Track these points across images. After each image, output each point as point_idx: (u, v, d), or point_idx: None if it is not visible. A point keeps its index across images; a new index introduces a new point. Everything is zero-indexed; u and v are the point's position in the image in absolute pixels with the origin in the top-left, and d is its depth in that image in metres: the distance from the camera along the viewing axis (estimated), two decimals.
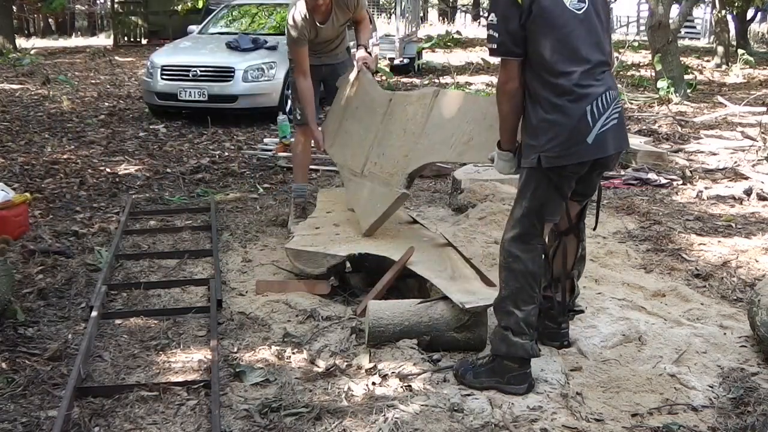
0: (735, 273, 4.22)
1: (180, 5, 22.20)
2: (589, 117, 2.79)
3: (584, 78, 2.80)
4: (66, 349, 3.33)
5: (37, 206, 5.57)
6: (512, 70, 2.83)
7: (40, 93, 11.75)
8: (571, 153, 2.81)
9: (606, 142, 2.84)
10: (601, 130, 2.81)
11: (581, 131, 2.79)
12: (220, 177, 6.66)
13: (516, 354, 2.92)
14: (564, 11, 2.79)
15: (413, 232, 4.15)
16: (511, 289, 2.94)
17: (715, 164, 7.01)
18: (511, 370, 2.94)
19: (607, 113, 2.82)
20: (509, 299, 2.94)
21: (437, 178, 6.53)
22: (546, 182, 2.87)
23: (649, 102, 10.86)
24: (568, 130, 2.79)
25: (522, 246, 2.93)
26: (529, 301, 2.93)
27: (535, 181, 2.89)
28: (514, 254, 2.93)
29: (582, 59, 2.80)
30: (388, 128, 4.19)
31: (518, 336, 2.92)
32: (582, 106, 2.78)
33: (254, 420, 2.77)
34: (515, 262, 2.93)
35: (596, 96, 2.80)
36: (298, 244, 4.02)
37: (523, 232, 2.93)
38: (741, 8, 17.87)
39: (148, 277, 4.27)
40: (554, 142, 2.80)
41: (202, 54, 9.73)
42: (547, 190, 2.89)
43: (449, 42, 21.22)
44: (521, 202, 2.94)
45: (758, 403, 2.84)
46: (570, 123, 2.78)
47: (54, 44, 23.20)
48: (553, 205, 2.94)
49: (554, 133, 2.79)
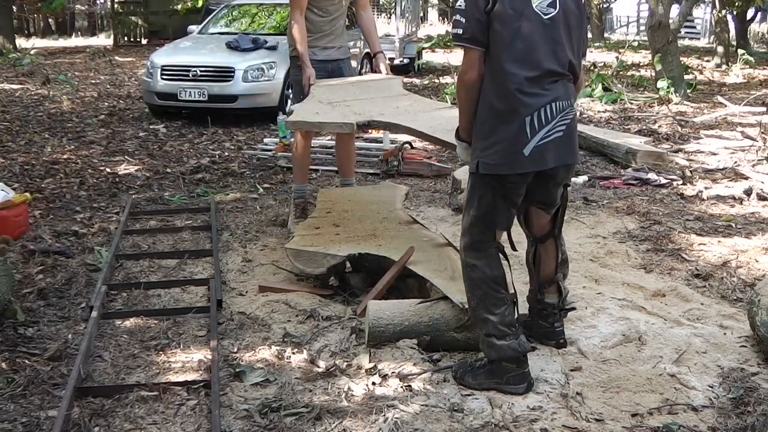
0: (735, 273, 4.22)
1: (180, 5, 22.23)
2: (528, 128, 2.75)
3: (529, 85, 2.75)
4: (66, 349, 3.33)
5: (37, 206, 5.57)
6: (473, 59, 2.79)
7: (40, 93, 11.75)
8: (506, 162, 2.78)
9: (545, 155, 2.80)
10: (541, 142, 2.77)
11: (517, 142, 2.76)
12: (220, 177, 6.66)
13: (506, 355, 2.92)
14: (528, 11, 2.75)
15: (413, 232, 4.15)
16: (478, 297, 2.95)
17: (715, 164, 7.01)
18: (509, 371, 2.94)
19: (550, 125, 2.78)
20: (480, 307, 2.95)
21: (437, 178, 6.53)
22: (491, 191, 2.86)
23: (649, 102, 10.86)
24: (504, 139, 2.77)
25: (476, 254, 2.94)
26: (499, 304, 2.93)
27: (479, 189, 2.88)
28: (470, 263, 2.95)
29: (532, 64, 2.76)
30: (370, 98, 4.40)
31: (502, 339, 2.92)
32: (521, 116, 2.75)
33: (254, 420, 2.77)
34: (473, 271, 2.94)
35: (538, 106, 2.76)
36: (298, 244, 4.02)
37: (475, 240, 2.94)
38: (741, 8, 17.87)
39: (148, 277, 4.27)
40: (492, 149, 2.79)
41: (202, 54, 9.73)
42: (493, 199, 2.88)
43: (449, 42, 21.20)
44: (469, 210, 2.94)
45: (758, 403, 2.84)
46: (506, 131, 2.76)
47: (54, 44, 23.21)
48: (501, 214, 2.92)
49: (492, 141, 2.78)
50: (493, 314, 2.92)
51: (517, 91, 2.74)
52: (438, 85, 12.83)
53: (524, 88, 2.74)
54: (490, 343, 2.95)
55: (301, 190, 5.05)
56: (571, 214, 5.30)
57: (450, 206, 5.59)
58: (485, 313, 2.94)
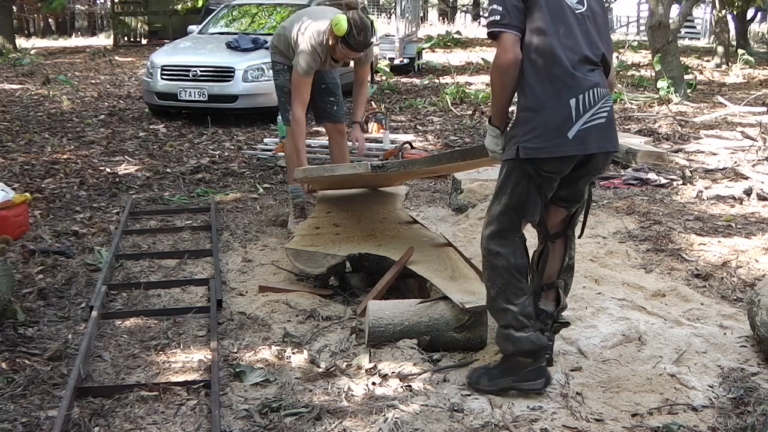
0: (735, 273, 4.22)
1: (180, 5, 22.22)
2: (573, 111, 2.72)
3: (575, 67, 2.74)
4: (66, 349, 3.33)
5: (37, 206, 5.57)
6: (509, 42, 2.73)
7: (40, 93, 11.75)
8: (549, 146, 2.73)
9: (588, 139, 2.75)
10: (584, 125, 2.74)
11: (563, 124, 2.72)
12: (220, 177, 6.66)
13: (524, 349, 2.87)
14: (563, 2, 2.79)
15: (413, 232, 4.15)
16: (498, 286, 2.90)
17: (715, 164, 7.01)
18: (525, 366, 2.88)
19: (593, 109, 2.75)
20: (500, 297, 2.90)
21: (437, 178, 6.53)
22: (527, 180, 2.82)
23: (649, 102, 10.86)
24: (548, 122, 2.73)
25: (501, 241, 2.89)
26: (519, 294, 2.88)
27: (515, 177, 2.84)
28: (494, 251, 2.89)
29: (574, 49, 2.76)
30: None
31: (520, 330, 2.86)
32: (566, 97, 2.72)
33: (254, 420, 2.77)
34: (496, 259, 2.89)
35: (584, 89, 2.74)
36: (298, 244, 4.02)
37: (503, 228, 2.89)
38: (741, 8, 17.87)
39: (148, 277, 4.27)
40: (534, 133, 2.74)
41: (202, 54, 9.73)
42: (528, 188, 2.83)
43: (449, 42, 21.24)
44: (500, 198, 2.89)
45: (758, 403, 2.84)
46: (551, 114, 2.73)
47: (54, 44, 23.21)
48: (533, 205, 2.88)
49: (535, 124, 2.74)
50: (513, 304, 2.87)
51: (563, 73, 2.72)
52: (438, 85, 12.82)
53: (569, 71, 2.72)
54: (507, 335, 2.89)
55: (298, 190, 5.04)
56: None
57: (450, 206, 5.59)
58: (505, 303, 2.88)
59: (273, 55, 4.98)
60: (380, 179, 4.29)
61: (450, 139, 8.28)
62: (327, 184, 4.38)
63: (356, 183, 4.39)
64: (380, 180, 4.29)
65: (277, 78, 4.99)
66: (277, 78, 4.99)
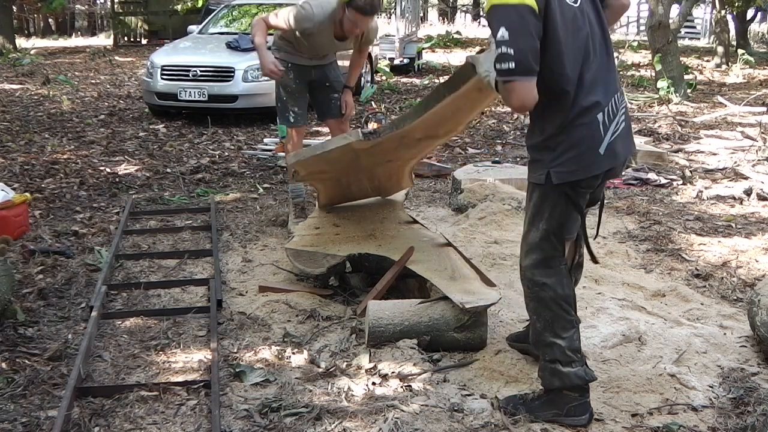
0: (735, 273, 4.22)
1: (180, 5, 22.22)
2: (601, 126, 2.57)
3: (593, 83, 2.56)
4: (66, 349, 3.33)
5: (37, 206, 5.57)
6: (529, 89, 2.43)
7: (40, 93, 11.75)
8: (583, 167, 2.59)
9: (617, 149, 2.64)
10: (612, 138, 2.61)
11: (594, 143, 2.58)
12: (220, 177, 6.66)
13: (572, 384, 2.71)
14: (574, 11, 2.56)
15: (413, 232, 4.15)
16: (546, 319, 2.72)
17: (715, 164, 7.02)
18: (570, 401, 2.72)
19: (616, 119, 2.63)
20: (547, 330, 2.72)
21: (437, 178, 6.53)
22: (564, 200, 2.65)
23: (649, 102, 10.87)
24: (579, 143, 2.57)
25: (546, 271, 2.70)
26: (568, 327, 2.71)
27: (551, 200, 2.65)
28: (540, 282, 2.71)
29: (590, 62, 2.56)
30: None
31: (567, 366, 2.70)
32: (594, 114, 2.56)
33: (254, 420, 2.77)
34: (542, 290, 2.71)
35: (605, 104, 2.59)
36: (298, 244, 4.02)
37: (547, 256, 2.70)
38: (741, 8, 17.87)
39: (148, 277, 4.27)
40: (565, 157, 2.58)
41: (202, 54, 9.73)
42: (566, 208, 2.67)
43: (449, 42, 21.23)
44: (537, 224, 2.69)
45: (758, 403, 2.84)
46: (580, 135, 2.56)
47: (54, 44, 23.21)
48: (572, 223, 2.76)
49: (564, 148, 2.57)
50: (561, 338, 2.70)
51: (588, 93, 2.55)
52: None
53: (592, 88, 2.56)
54: (554, 370, 2.72)
55: (299, 189, 5.05)
56: None
57: (450, 206, 5.59)
58: (552, 336, 2.71)
59: (275, 51, 4.95)
60: (386, 174, 4.24)
61: (450, 139, 8.28)
62: (329, 184, 4.29)
63: (362, 182, 4.27)
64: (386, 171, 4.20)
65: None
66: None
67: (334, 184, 4.30)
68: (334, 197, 4.39)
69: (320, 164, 3.89)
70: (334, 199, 4.39)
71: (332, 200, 4.40)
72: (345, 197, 4.40)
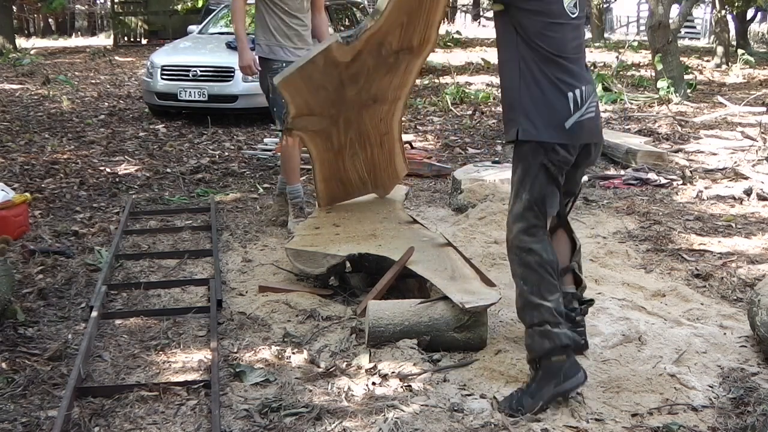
0: (735, 273, 4.22)
1: (180, 5, 22.22)
2: (571, 103, 2.87)
3: (574, 64, 2.92)
4: (66, 349, 3.33)
5: (37, 206, 5.57)
6: None
7: (40, 93, 11.75)
8: (548, 131, 2.87)
9: (582, 130, 2.91)
10: (580, 118, 2.89)
11: (562, 115, 2.87)
12: (220, 177, 6.66)
13: (562, 343, 2.83)
14: (563, 7, 2.89)
15: (413, 232, 4.15)
16: (533, 283, 2.88)
17: (715, 164, 7.01)
18: (562, 364, 2.83)
19: (585, 105, 2.91)
20: (534, 294, 2.88)
21: (437, 178, 6.53)
22: (544, 172, 2.90)
23: (649, 102, 10.86)
24: (550, 110, 2.86)
25: (532, 238, 2.91)
26: (553, 290, 2.88)
27: (532, 172, 2.91)
28: (526, 248, 2.90)
29: (573, 49, 2.93)
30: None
31: (556, 327, 2.84)
32: (566, 92, 2.87)
33: (254, 420, 2.77)
34: (529, 255, 2.89)
35: (579, 86, 2.90)
36: (298, 244, 4.01)
37: (530, 225, 2.91)
38: (741, 8, 17.86)
39: (148, 277, 4.27)
40: (533, 116, 2.87)
41: (202, 54, 9.73)
42: (546, 182, 2.91)
43: (449, 42, 21.20)
44: (521, 195, 2.93)
45: (758, 403, 2.84)
46: (552, 103, 2.86)
47: (54, 44, 23.20)
48: (552, 198, 2.95)
49: (537, 111, 2.87)
50: (548, 300, 2.86)
51: (567, 71, 2.88)
52: (438, 85, 12.81)
53: (572, 66, 2.90)
54: (543, 332, 2.85)
55: (297, 191, 5.03)
56: (571, 214, 5.29)
57: (450, 206, 5.59)
58: (539, 299, 2.86)
59: (266, 49, 5.02)
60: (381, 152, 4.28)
61: (450, 139, 8.28)
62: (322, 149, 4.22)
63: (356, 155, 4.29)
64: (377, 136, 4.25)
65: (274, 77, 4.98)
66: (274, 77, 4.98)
67: (327, 147, 4.24)
68: (330, 178, 4.38)
69: (305, 89, 3.80)
70: (331, 182, 4.40)
71: (329, 183, 4.40)
72: (341, 180, 4.41)
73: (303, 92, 3.79)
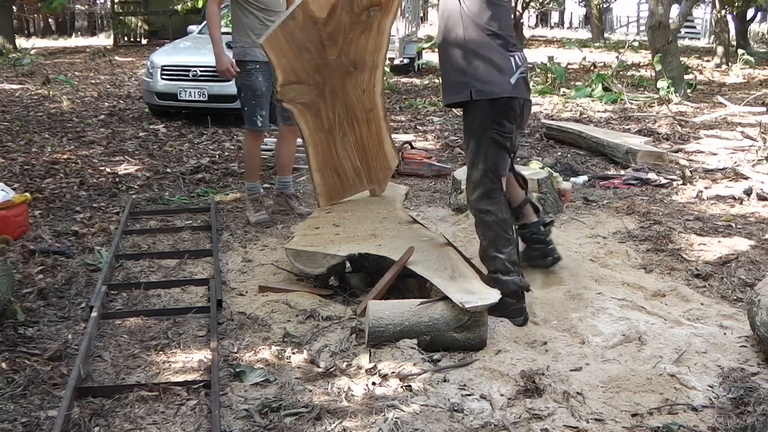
0: (735, 273, 4.22)
1: (180, 5, 22.23)
2: (513, 63, 3.48)
3: (512, 38, 3.55)
4: (66, 349, 3.33)
5: (37, 206, 5.57)
6: None
7: (40, 93, 11.76)
8: (499, 85, 3.42)
9: (522, 87, 3.51)
10: (519, 76, 3.48)
11: (507, 72, 3.45)
12: (220, 177, 6.67)
13: (510, 289, 3.44)
14: None
15: (413, 232, 4.15)
16: (490, 238, 3.53)
17: (715, 164, 7.02)
18: (509, 305, 3.45)
19: (521, 68, 3.51)
20: (490, 247, 3.53)
21: (437, 178, 6.53)
22: (495, 145, 3.49)
23: (649, 102, 10.86)
24: (497, 67, 3.43)
25: (489, 201, 3.52)
26: (507, 244, 3.52)
27: (485, 146, 3.49)
28: (484, 209, 3.53)
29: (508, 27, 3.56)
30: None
31: (506, 275, 3.48)
32: (510, 53, 3.48)
33: (254, 420, 2.77)
34: (487, 215, 3.53)
35: (517, 51, 3.53)
36: (298, 244, 4.01)
37: (488, 189, 3.52)
38: (741, 8, 17.88)
39: (148, 277, 4.27)
40: (484, 75, 3.43)
41: (202, 54, 9.70)
42: (497, 151, 3.50)
43: None
44: (477, 165, 3.53)
45: (758, 403, 2.84)
46: (500, 61, 3.44)
47: (54, 44, 23.22)
48: (503, 163, 3.55)
49: (486, 70, 3.43)
50: (501, 253, 3.50)
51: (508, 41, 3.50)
52: (438, 85, 12.82)
53: (510, 38, 3.53)
54: (495, 279, 3.48)
55: (254, 186, 5.32)
56: (571, 214, 5.30)
57: (450, 206, 5.59)
58: (494, 252, 3.51)
59: (241, 51, 5.06)
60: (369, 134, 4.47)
61: (450, 139, 8.29)
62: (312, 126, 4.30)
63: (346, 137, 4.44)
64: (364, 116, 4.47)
65: (248, 78, 5.09)
66: (248, 78, 5.09)
67: (318, 126, 4.32)
68: (325, 167, 4.43)
69: (289, 50, 3.98)
70: (326, 172, 4.44)
71: (325, 174, 4.45)
72: (336, 171, 4.46)
73: (288, 53, 4.01)
